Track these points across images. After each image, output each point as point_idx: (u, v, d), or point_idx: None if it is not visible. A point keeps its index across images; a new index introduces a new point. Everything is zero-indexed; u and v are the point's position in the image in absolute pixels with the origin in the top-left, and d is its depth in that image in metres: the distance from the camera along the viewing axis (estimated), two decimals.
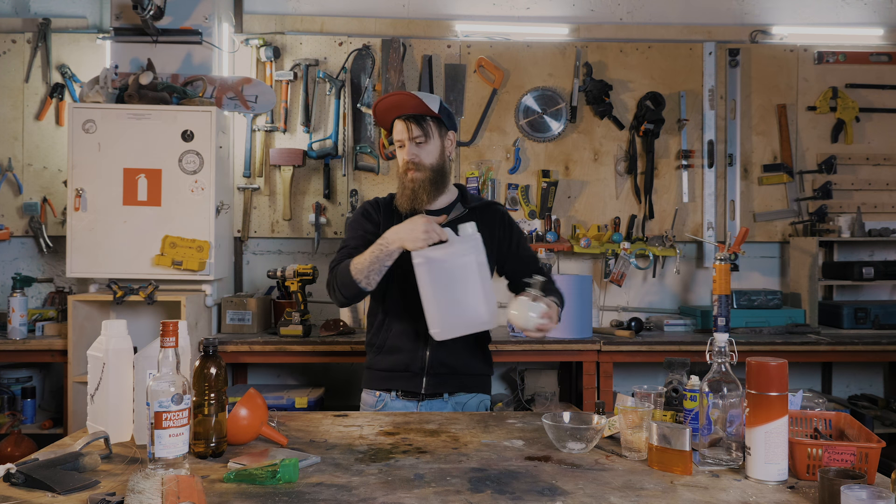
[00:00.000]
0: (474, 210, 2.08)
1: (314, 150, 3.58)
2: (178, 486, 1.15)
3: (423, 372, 2.01)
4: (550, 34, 3.73)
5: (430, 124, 2.01)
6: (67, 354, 2.97)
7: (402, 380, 2.03)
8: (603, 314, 3.73)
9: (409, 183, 2.00)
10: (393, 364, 2.03)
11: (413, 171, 1.99)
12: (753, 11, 3.80)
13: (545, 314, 1.81)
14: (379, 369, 2.06)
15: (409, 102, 1.98)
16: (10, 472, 1.23)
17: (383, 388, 2.05)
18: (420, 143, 2.00)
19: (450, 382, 2.04)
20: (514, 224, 2.15)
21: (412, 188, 2.00)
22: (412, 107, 1.99)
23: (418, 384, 2.02)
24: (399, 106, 2.00)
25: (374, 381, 2.08)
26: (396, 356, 2.03)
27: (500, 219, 2.11)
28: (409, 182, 2.00)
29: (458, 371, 2.04)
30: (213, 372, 1.40)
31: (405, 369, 2.02)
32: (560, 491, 1.22)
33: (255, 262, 3.68)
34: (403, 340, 2.02)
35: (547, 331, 1.83)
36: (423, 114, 2.00)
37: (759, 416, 1.26)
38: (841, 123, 3.75)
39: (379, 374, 2.06)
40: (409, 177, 2.00)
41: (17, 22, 3.54)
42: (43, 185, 3.52)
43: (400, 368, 2.03)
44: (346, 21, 3.68)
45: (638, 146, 3.70)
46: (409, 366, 2.02)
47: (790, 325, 3.39)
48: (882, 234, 3.58)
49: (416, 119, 1.99)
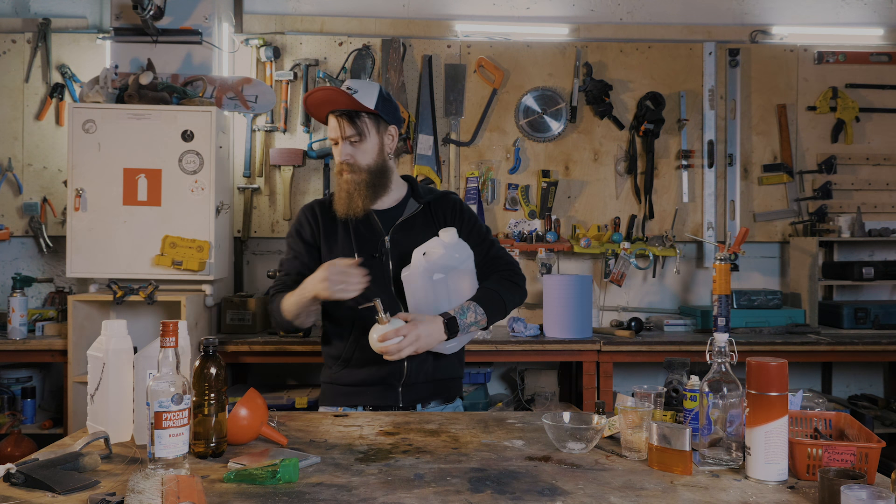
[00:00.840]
0: (429, 205, 1.97)
1: (314, 150, 3.58)
2: (178, 486, 1.15)
3: (399, 383, 1.89)
4: (550, 34, 3.73)
5: (366, 121, 1.87)
6: (67, 354, 2.97)
7: (374, 394, 1.89)
8: (603, 314, 3.73)
9: (344, 185, 1.88)
10: (365, 377, 1.89)
11: (347, 172, 1.87)
12: (753, 11, 3.80)
13: (385, 336, 1.69)
14: (346, 384, 1.91)
15: (342, 99, 1.84)
16: (10, 472, 1.23)
17: (349, 404, 1.91)
18: (355, 143, 1.87)
19: (425, 391, 1.92)
20: (465, 211, 2.00)
21: (347, 190, 1.88)
22: (345, 103, 1.85)
23: (395, 397, 1.89)
24: (331, 101, 1.86)
25: (337, 396, 1.93)
26: (369, 368, 1.88)
27: (451, 208, 1.99)
28: (343, 183, 1.88)
29: (434, 377, 1.93)
30: (213, 372, 1.40)
31: (381, 382, 1.88)
32: (560, 491, 1.22)
33: (255, 262, 3.68)
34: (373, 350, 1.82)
35: (392, 353, 1.70)
36: (357, 110, 1.86)
37: (759, 416, 1.26)
38: (841, 123, 3.75)
39: (345, 390, 1.91)
40: (344, 178, 1.88)
41: (17, 22, 3.54)
42: (43, 185, 3.52)
43: (374, 381, 1.88)
44: (346, 21, 3.68)
45: (638, 146, 3.70)
46: (387, 377, 1.88)
47: (790, 325, 3.39)
48: (882, 234, 3.58)
49: (350, 116, 1.85)
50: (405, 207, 1.97)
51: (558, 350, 3.17)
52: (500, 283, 1.93)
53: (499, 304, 1.88)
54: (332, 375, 1.95)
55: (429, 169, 3.58)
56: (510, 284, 1.95)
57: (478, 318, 1.83)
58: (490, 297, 1.87)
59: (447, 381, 1.97)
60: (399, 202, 1.98)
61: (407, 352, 1.71)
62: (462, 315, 1.81)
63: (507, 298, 1.91)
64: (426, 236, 1.88)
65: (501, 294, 1.90)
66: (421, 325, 1.73)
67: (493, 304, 1.87)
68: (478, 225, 2.01)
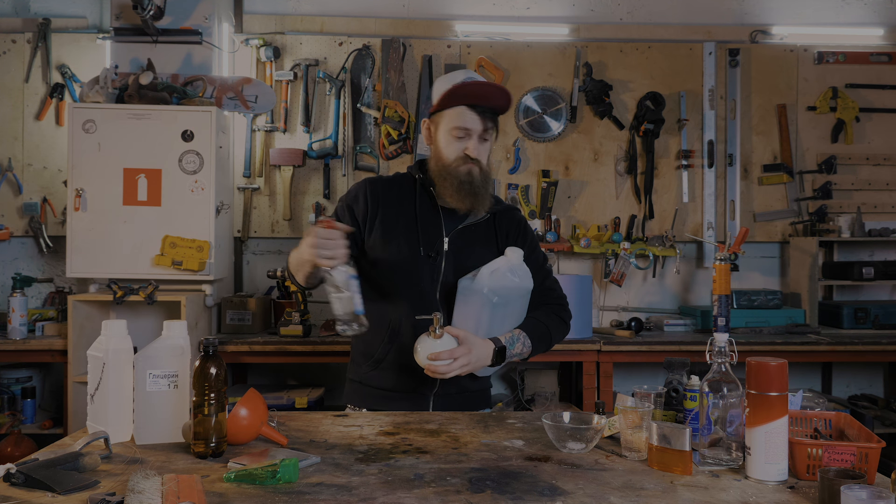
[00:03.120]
0: (494, 216, 1.92)
1: (314, 150, 3.58)
2: (178, 486, 1.15)
3: (431, 393, 1.82)
4: (550, 34, 3.73)
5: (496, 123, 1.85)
6: (67, 354, 2.97)
7: (405, 401, 1.81)
8: (603, 314, 3.73)
9: (469, 177, 1.80)
10: (396, 383, 1.81)
11: (475, 167, 1.80)
12: (753, 11, 3.80)
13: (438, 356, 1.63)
14: (376, 386, 1.84)
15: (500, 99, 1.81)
16: (10, 472, 1.23)
17: (377, 409, 1.83)
18: (484, 141, 1.83)
19: (456, 402, 1.85)
20: (529, 233, 1.97)
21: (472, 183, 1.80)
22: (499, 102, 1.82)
23: (426, 406, 1.83)
24: (487, 97, 1.80)
25: (367, 398, 1.85)
26: (401, 374, 1.80)
27: (516, 225, 1.95)
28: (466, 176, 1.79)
29: (465, 388, 1.87)
30: (213, 372, 1.40)
31: (413, 390, 1.81)
32: (560, 491, 1.22)
33: (255, 262, 3.68)
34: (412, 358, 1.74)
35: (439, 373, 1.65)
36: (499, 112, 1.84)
37: (759, 416, 1.26)
38: (841, 123, 3.75)
39: (375, 393, 1.84)
40: (471, 171, 1.80)
41: (17, 22, 3.53)
42: (43, 185, 3.52)
43: (406, 388, 1.81)
44: (346, 21, 3.68)
45: (638, 146, 3.70)
46: (418, 387, 1.81)
47: (790, 325, 3.39)
48: (882, 234, 3.58)
49: (493, 113, 1.82)
50: (469, 212, 1.88)
51: (558, 350, 3.16)
52: (549, 317, 1.90)
53: (546, 340, 1.86)
54: (362, 375, 1.87)
55: None
56: (559, 321, 1.92)
57: (524, 350, 1.82)
58: (540, 332, 1.85)
59: (478, 392, 1.93)
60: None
61: (453, 374, 1.67)
62: (511, 345, 1.78)
63: (555, 335, 1.89)
64: (485, 248, 1.86)
65: (550, 330, 1.87)
66: (474, 350, 1.69)
67: (541, 339, 1.85)
68: (538, 250, 1.97)
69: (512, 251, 1.80)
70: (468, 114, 1.79)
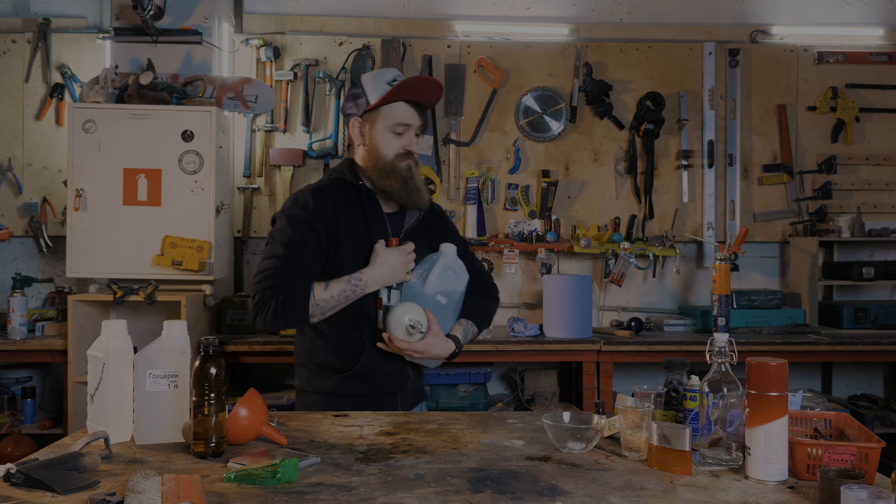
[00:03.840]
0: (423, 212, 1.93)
1: (314, 150, 3.58)
2: (178, 486, 1.15)
3: (400, 392, 1.87)
4: (550, 34, 3.73)
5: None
6: (67, 354, 2.97)
7: (375, 404, 1.82)
8: (603, 314, 3.73)
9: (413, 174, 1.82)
10: (375, 389, 1.83)
11: (414, 164, 1.83)
12: (753, 11, 3.80)
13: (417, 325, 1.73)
14: (350, 395, 1.82)
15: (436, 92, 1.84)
16: (10, 472, 1.23)
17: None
18: (418, 135, 1.86)
19: (413, 398, 1.92)
20: (450, 223, 2.04)
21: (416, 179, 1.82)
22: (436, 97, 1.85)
23: (395, 405, 1.86)
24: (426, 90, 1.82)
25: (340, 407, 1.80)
26: (378, 381, 1.83)
27: (440, 218, 2.00)
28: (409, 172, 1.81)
29: (419, 384, 1.94)
30: (213, 372, 1.39)
31: (388, 392, 1.85)
32: (560, 491, 1.22)
33: (255, 262, 3.67)
34: (388, 361, 1.81)
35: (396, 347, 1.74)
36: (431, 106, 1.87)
37: (759, 416, 1.26)
38: (841, 123, 3.75)
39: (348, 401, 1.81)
40: (411, 167, 1.82)
41: (17, 22, 3.53)
42: (43, 185, 3.52)
43: (382, 392, 1.84)
44: (346, 21, 3.68)
45: (638, 146, 3.70)
46: (393, 388, 1.85)
47: (790, 325, 3.39)
48: (882, 234, 3.58)
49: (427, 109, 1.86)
50: (405, 214, 1.91)
51: (558, 350, 3.17)
52: (486, 299, 2.02)
53: (487, 321, 2.00)
54: (332, 386, 1.82)
55: (429, 169, 3.58)
56: (492, 301, 2.05)
57: (471, 336, 1.94)
58: (482, 316, 1.98)
59: (423, 386, 2.02)
60: (400, 207, 1.91)
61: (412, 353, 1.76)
62: (464, 338, 1.89)
63: (492, 315, 2.04)
64: (427, 246, 1.90)
65: (489, 310, 2.01)
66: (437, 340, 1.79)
67: (482, 323, 1.98)
68: (460, 237, 2.02)
69: (447, 248, 1.86)
70: (407, 109, 1.82)
